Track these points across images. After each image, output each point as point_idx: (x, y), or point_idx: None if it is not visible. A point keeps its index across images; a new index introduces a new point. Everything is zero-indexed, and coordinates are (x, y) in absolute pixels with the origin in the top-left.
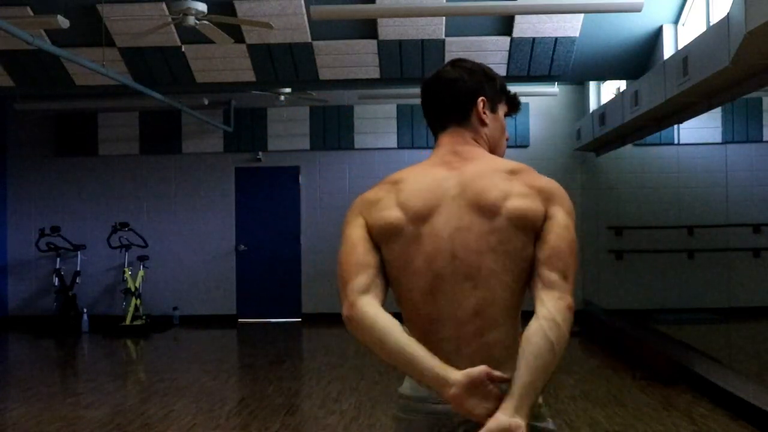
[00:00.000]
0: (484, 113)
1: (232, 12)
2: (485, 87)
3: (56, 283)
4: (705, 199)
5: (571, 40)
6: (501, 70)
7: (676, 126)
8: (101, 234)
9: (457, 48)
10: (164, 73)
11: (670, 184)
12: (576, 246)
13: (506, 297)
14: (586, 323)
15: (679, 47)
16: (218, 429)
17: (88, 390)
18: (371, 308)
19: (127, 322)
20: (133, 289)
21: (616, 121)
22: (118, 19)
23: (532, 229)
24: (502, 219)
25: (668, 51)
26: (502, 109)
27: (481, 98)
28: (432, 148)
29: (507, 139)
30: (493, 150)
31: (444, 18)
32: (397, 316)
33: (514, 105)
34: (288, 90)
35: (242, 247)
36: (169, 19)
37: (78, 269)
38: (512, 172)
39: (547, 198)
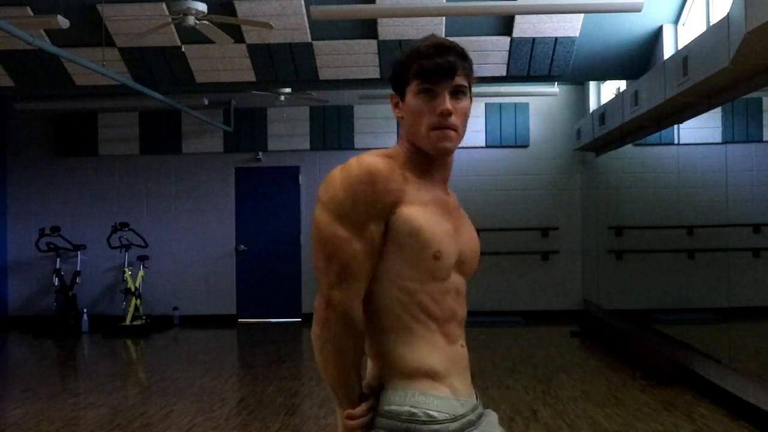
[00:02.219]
0: (395, 109)
1: (232, 12)
2: (393, 79)
3: (56, 283)
4: (705, 199)
5: (571, 40)
6: (501, 70)
7: (676, 126)
8: (101, 234)
9: None
10: (164, 73)
11: (670, 184)
12: (323, 238)
13: None
14: (586, 323)
15: (679, 47)
16: (218, 429)
17: (88, 390)
18: None
19: (127, 322)
20: (133, 289)
21: (616, 121)
22: (118, 19)
23: None
24: None
25: (668, 51)
26: (411, 91)
27: (390, 95)
28: None
29: (445, 114)
30: (413, 139)
31: (444, 18)
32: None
33: (419, 73)
34: (288, 90)
35: (242, 247)
36: (169, 19)
37: (78, 269)
38: None
39: None
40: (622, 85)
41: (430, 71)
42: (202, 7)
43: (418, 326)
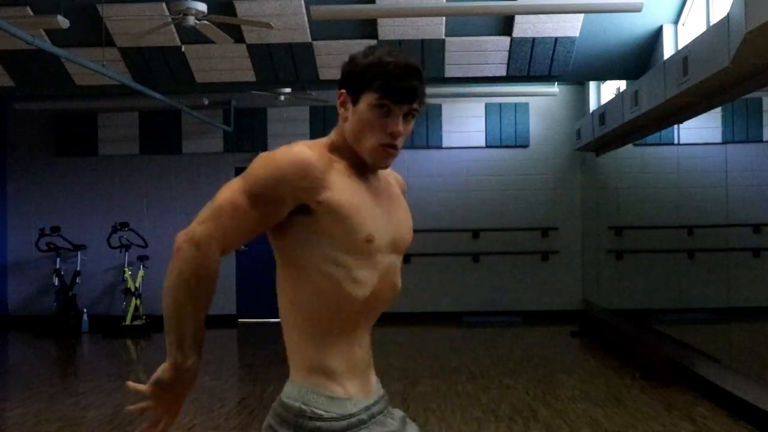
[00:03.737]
0: (341, 107)
1: (232, 12)
2: (348, 79)
3: (56, 283)
4: (705, 199)
5: (571, 40)
6: (501, 71)
7: (676, 126)
8: (101, 234)
9: (457, 48)
10: (164, 73)
11: (670, 184)
12: (220, 196)
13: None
14: (586, 323)
15: (679, 47)
16: (218, 429)
17: (88, 390)
18: None
19: (127, 322)
20: (133, 289)
21: (616, 121)
22: (118, 19)
23: None
24: None
25: (668, 51)
26: (366, 101)
27: (340, 91)
28: (431, 147)
29: (395, 135)
30: (356, 146)
31: (444, 18)
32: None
33: (382, 90)
34: (288, 90)
35: (242, 247)
36: (169, 19)
37: (78, 269)
38: None
39: None
40: (622, 85)
41: (394, 93)
42: (202, 7)
43: (329, 324)
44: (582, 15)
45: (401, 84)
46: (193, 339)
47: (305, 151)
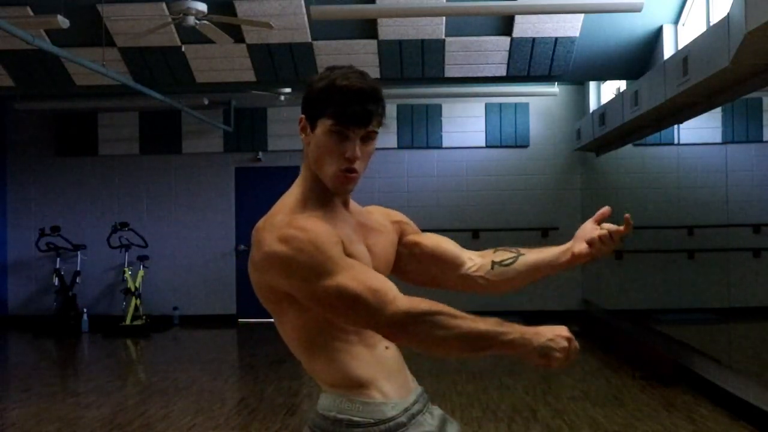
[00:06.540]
0: (302, 133)
1: (232, 12)
2: (305, 104)
3: (56, 283)
4: (705, 199)
5: (571, 40)
6: (501, 70)
7: (676, 126)
8: (101, 234)
9: (457, 48)
10: (164, 73)
11: (670, 184)
12: (330, 298)
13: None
14: (586, 323)
15: (679, 47)
16: (218, 429)
17: (88, 390)
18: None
19: (127, 322)
20: (133, 289)
21: (616, 121)
22: (118, 19)
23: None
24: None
25: (668, 51)
26: (322, 126)
27: (300, 117)
28: (431, 147)
29: (352, 160)
30: (318, 172)
31: (444, 18)
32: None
33: (335, 115)
34: (288, 90)
35: (242, 247)
36: (169, 19)
37: (78, 269)
38: (256, 232)
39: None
40: (622, 85)
41: (346, 117)
42: (202, 7)
43: (339, 343)
44: (582, 15)
45: (355, 108)
46: (495, 325)
47: (313, 224)
